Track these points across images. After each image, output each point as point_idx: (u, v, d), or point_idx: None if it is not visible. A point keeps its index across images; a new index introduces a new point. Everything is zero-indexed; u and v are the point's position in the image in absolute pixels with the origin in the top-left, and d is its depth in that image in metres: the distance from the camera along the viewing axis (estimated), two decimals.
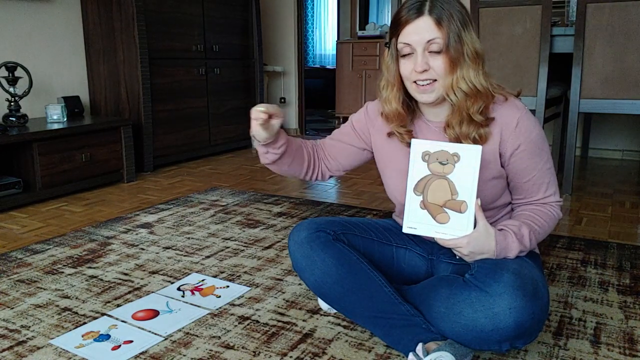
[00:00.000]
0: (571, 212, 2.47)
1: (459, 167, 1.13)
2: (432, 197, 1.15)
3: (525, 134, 1.21)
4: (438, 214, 1.15)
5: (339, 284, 1.28)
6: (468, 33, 1.18)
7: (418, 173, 1.16)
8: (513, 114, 1.21)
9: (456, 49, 1.16)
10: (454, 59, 1.16)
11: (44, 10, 3.16)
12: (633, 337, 1.36)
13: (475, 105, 1.19)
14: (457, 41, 1.16)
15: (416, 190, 1.16)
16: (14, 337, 1.38)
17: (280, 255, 1.94)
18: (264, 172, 3.37)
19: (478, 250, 1.15)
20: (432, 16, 1.16)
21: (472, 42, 1.18)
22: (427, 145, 1.15)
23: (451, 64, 1.17)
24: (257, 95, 4.26)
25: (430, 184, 1.15)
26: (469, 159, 1.12)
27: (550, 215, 1.27)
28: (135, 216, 2.41)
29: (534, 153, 1.23)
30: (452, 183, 1.13)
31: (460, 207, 1.13)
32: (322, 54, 8.12)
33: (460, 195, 1.13)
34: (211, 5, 3.75)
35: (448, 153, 1.13)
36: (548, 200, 1.27)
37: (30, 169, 2.63)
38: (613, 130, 3.70)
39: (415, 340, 1.18)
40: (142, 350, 1.31)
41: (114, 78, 3.35)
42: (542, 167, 1.24)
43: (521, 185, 1.26)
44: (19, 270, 1.81)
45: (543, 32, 2.66)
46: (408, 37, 1.18)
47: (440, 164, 1.14)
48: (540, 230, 1.24)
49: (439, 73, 1.18)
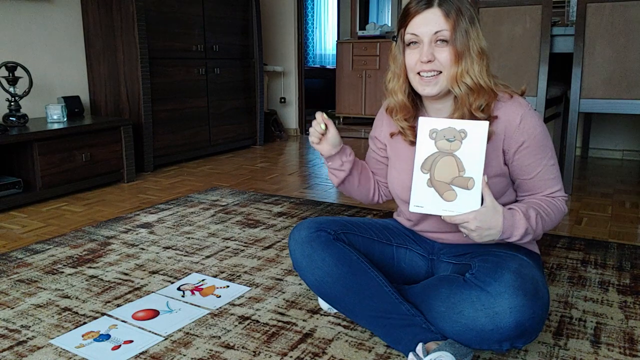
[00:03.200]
0: (571, 212, 2.47)
1: (466, 144, 1.12)
2: (440, 175, 1.14)
3: (528, 130, 1.21)
4: (445, 192, 1.14)
5: (339, 284, 1.28)
6: (475, 29, 1.20)
7: (425, 151, 1.15)
8: (516, 111, 1.22)
9: (462, 43, 1.18)
10: (460, 52, 1.18)
11: (44, 10, 3.16)
12: (633, 337, 1.36)
13: (477, 101, 1.19)
14: (464, 35, 1.18)
15: (423, 168, 1.15)
16: (14, 337, 1.38)
17: (280, 255, 1.94)
18: (264, 172, 3.37)
19: (485, 225, 1.12)
20: (442, 8, 1.18)
21: (478, 39, 1.20)
22: (434, 123, 1.15)
23: (457, 56, 1.18)
24: (257, 95, 4.26)
25: (438, 161, 1.14)
26: (476, 135, 1.11)
27: (557, 206, 1.26)
28: (135, 216, 2.41)
29: (538, 150, 1.23)
30: (459, 160, 1.12)
31: (467, 183, 1.12)
32: (322, 54, 8.11)
33: (467, 172, 1.12)
34: (211, 5, 3.75)
35: (455, 130, 1.13)
36: (554, 195, 1.28)
37: (30, 169, 2.63)
38: (613, 130, 3.70)
39: (415, 340, 1.18)
40: (142, 350, 1.31)
41: (114, 78, 3.35)
42: (546, 164, 1.24)
43: (526, 182, 1.27)
44: (19, 270, 1.81)
45: (543, 32, 2.66)
46: (416, 28, 1.20)
47: (447, 141, 1.13)
48: (546, 217, 1.22)
49: (444, 64, 1.19)
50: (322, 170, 3.43)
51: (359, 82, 5.62)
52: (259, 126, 4.31)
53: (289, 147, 4.32)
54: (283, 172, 3.39)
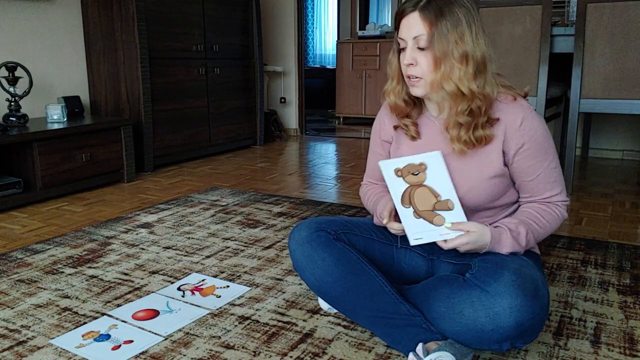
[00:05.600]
0: (571, 212, 2.47)
1: (429, 173, 1.20)
2: (421, 205, 1.22)
3: (529, 132, 1.21)
4: (433, 218, 1.21)
5: (339, 284, 1.28)
6: (457, 33, 1.16)
7: (399, 188, 1.23)
8: (517, 112, 1.21)
9: (441, 48, 1.16)
10: (439, 57, 1.17)
11: (44, 10, 3.16)
12: (633, 337, 1.36)
13: (458, 106, 1.19)
14: (443, 40, 1.16)
15: (404, 203, 1.23)
16: (14, 337, 1.38)
17: (280, 255, 1.94)
18: (264, 172, 3.37)
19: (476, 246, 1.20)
20: (422, 12, 1.17)
21: (462, 43, 1.16)
22: (394, 163, 1.23)
23: (435, 62, 1.18)
24: (257, 95, 4.26)
25: (414, 194, 1.22)
26: (434, 164, 1.19)
27: (553, 215, 1.26)
28: (135, 216, 2.41)
29: (539, 152, 1.23)
30: (431, 188, 1.21)
31: (448, 205, 1.20)
32: (322, 54, 8.11)
33: (442, 195, 1.20)
34: (211, 5, 3.75)
35: (415, 164, 1.21)
36: (553, 199, 1.27)
37: (30, 169, 2.63)
38: (613, 130, 3.70)
39: (415, 340, 1.18)
40: (142, 350, 1.31)
41: (114, 78, 3.35)
42: (547, 166, 1.24)
43: (526, 183, 1.26)
44: (19, 270, 1.81)
45: (543, 32, 2.66)
46: (401, 32, 1.21)
47: (413, 175, 1.21)
48: (540, 230, 1.24)
49: (424, 70, 1.19)
50: (322, 170, 3.44)
51: (359, 82, 5.63)
52: (259, 126, 4.31)
53: (289, 147, 4.32)
54: (283, 172, 3.39)
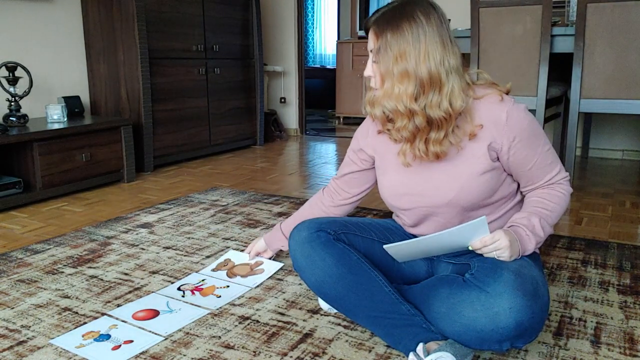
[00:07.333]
0: (571, 212, 2.47)
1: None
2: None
3: (517, 124, 1.22)
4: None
5: (339, 284, 1.28)
6: (402, 51, 1.15)
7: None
8: (500, 108, 1.22)
9: (384, 64, 1.18)
10: (382, 73, 1.20)
11: (44, 10, 3.16)
12: (633, 337, 1.36)
13: (398, 122, 1.21)
14: (385, 56, 1.17)
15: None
16: (14, 337, 1.38)
17: (280, 255, 1.93)
18: (264, 172, 3.37)
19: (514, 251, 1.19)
20: (373, 26, 1.20)
21: (404, 61, 1.15)
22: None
23: (380, 76, 1.21)
24: (257, 95, 4.26)
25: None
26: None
27: (559, 195, 1.29)
28: (135, 216, 2.41)
29: (531, 140, 1.24)
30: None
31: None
32: (322, 54, 8.11)
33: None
34: (211, 5, 3.75)
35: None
36: (555, 179, 1.30)
37: (30, 169, 2.63)
38: (613, 130, 3.70)
39: (415, 340, 1.18)
40: (142, 350, 1.31)
41: (114, 78, 3.35)
42: (541, 151, 1.26)
43: (526, 172, 1.28)
44: (19, 270, 1.81)
45: (543, 32, 2.66)
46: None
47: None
48: (552, 213, 1.27)
49: (377, 83, 1.22)
50: (322, 170, 3.44)
51: (359, 82, 5.62)
52: (259, 126, 4.31)
53: (289, 147, 4.32)
54: (283, 172, 3.39)
